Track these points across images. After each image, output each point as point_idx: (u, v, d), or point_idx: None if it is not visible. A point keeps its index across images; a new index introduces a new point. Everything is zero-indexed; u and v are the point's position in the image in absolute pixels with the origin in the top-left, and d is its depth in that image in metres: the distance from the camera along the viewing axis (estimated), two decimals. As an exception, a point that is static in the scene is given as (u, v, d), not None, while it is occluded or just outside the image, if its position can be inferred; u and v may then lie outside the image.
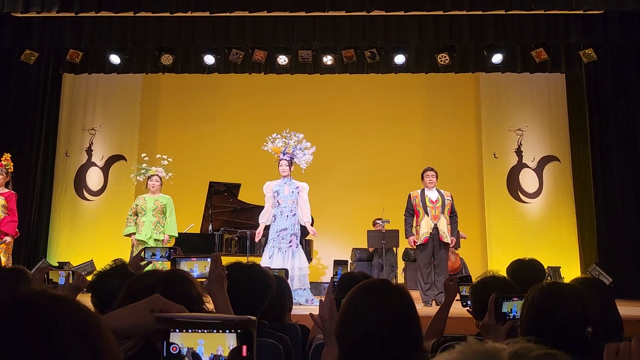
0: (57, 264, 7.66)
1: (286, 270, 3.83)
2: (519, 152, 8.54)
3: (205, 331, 0.87)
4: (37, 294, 0.53)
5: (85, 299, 1.46)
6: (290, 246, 6.05)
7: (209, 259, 1.75)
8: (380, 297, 1.35)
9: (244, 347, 0.86)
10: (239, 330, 0.87)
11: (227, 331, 0.87)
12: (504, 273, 2.54)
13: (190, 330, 0.88)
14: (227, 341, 0.86)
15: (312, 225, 7.11)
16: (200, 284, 1.61)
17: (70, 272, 2.53)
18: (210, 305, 1.58)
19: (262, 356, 1.78)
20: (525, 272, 2.77)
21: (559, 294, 1.46)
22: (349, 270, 4.06)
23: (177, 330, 0.88)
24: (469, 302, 2.44)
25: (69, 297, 0.55)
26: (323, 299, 1.72)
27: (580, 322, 1.39)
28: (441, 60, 7.96)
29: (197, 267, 1.81)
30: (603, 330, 1.44)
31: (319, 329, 2.34)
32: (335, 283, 2.87)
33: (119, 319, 0.89)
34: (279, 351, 2.00)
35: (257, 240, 6.44)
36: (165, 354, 0.87)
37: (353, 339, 1.32)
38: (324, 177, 8.50)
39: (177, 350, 0.88)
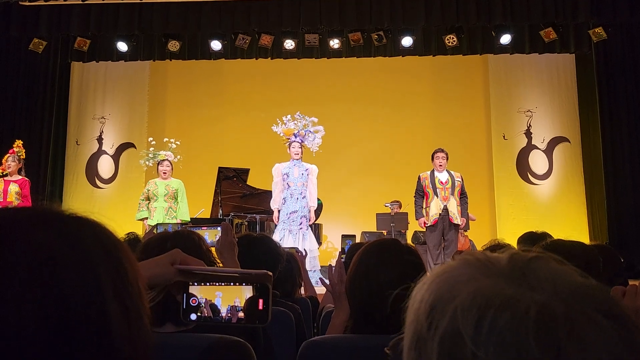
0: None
1: (297, 248, 3.86)
2: (528, 133, 8.49)
3: (223, 284, 0.91)
4: (55, 210, 0.55)
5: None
6: (301, 228, 6.10)
7: (219, 228, 1.78)
8: (391, 253, 1.38)
9: (261, 301, 0.89)
10: (255, 284, 0.90)
11: (244, 284, 0.90)
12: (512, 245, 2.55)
13: (208, 284, 0.91)
14: (244, 293, 0.90)
15: (320, 209, 7.16)
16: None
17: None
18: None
19: (272, 324, 1.81)
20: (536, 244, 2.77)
21: (561, 249, 1.48)
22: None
23: (196, 284, 0.91)
24: None
25: (88, 215, 0.57)
26: (332, 265, 1.75)
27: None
28: (449, 42, 7.92)
29: (207, 236, 1.83)
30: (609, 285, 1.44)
31: (329, 300, 2.37)
32: (344, 257, 2.90)
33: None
34: (289, 319, 2.03)
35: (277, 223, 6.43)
36: (184, 306, 0.91)
37: (364, 295, 1.35)
38: (333, 161, 8.51)
39: (197, 302, 0.91)
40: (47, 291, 0.47)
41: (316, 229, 7.20)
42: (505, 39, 7.88)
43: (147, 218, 6.36)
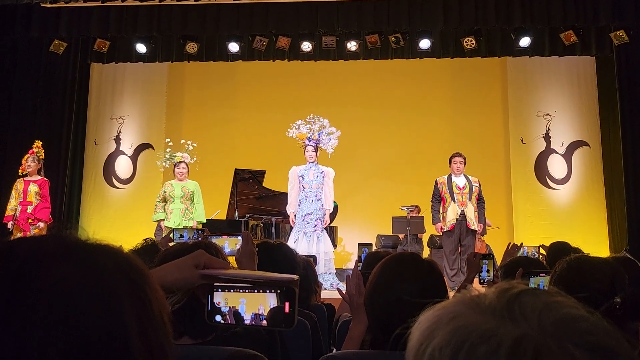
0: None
1: (314, 257, 3.85)
2: (547, 137, 8.38)
3: (247, 291, 0.90)
4: (80, 241, 0.54)
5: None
6: (315, 230, 6.09)
7: (239, 237, 1.77)
8: (411, 267, 1.37)
9: (287, 304, 0.89)
10: (278, 291, 0.89)
11: (268, 291, 0.89)
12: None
13: (232, 291, 0.91)
14: (268, 300, 0.90)
15: (336, 211, 7.15)
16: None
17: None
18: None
19: (288, 332, 1.81)
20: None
21: (586, 265, 1.45)
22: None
23: (220, 290, 0.91)
24: (486, 281, 2.48)
25: (112, 245, 0.56)
26: (350, 276, 1.74)
27: (608, 292, 1.38)
28: (467, 45, 7.85)
29: (227, 244, 1.83)
30: (633, 304, 1.41)
31: (345, 308, 2.36)
32: (360, 265, 2.89)
33: (164, 275, 0.93)
34: (305, 328, 2.02)
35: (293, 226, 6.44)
36: (209, 307, 0.91)
37: (383, 307, 1.34)
38: (349, 164, 8.49)
39: (220, 305, 0.92)
40: (69, 331, 0.46)
41: (331, 232, 7.19)
42: (525, 41, 7.79)
43: (163, 219, 6.41)
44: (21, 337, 0.45)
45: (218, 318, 0.91)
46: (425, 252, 7.92)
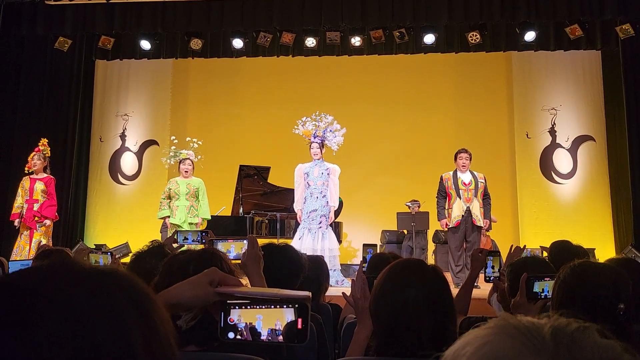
0: (94, 247, 7.86)
1: (321, 257, 3.87)
2: (552, 131, 8.35)
3: (264, 307, 0.92)
4: (85, 267, 0.55)
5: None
6: (320, 227, 6.10)
7: (245, 241, 1.79)
8: (416, 273, 1.38)
9: (299, 320, 0.90)
10: (296, 305, 0.91)
11: (285, 306, 0.91)
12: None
13: (249, 307, 0.92)
14: (285, 316, 0.91)
15: (340, 207, 7.16)
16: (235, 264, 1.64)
17: (109, 253, 2.67)
18: (244, 282, 1.62)
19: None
20: (569, 257, 2.75)
21: (590, 271, 1.46)
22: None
23: (237, 307, 0.93)
24: (492, 278, 2.49)
25: (116, 269, 0.57)
26: (355, 279, 1.75)
27: (612, 298, 1.39)
28: (472, 39, 7.82)
29: (233, 248, 1.84)
30: (637, 308, 1.42)
31: (350, 309, 2.37)
32: (365, 266, 2.90)
33: (179, 292, 0.94)
34: (311, 331, 2.03)
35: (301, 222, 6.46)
36: (222, 324, 0.92)
37: (389, 312, 1.35)
38: (353, 160, 8.49)
39: (234, 322, 0.93)
40: (76, 350, 0.47)
41: (336, 227, 7.19)
42: (530, 36, 7.75)
43: (168, 216, 6.43)
44: (28, 354, 0.45)
45: (231, 335, 0.92)
46: (430, 247, 7.94)
